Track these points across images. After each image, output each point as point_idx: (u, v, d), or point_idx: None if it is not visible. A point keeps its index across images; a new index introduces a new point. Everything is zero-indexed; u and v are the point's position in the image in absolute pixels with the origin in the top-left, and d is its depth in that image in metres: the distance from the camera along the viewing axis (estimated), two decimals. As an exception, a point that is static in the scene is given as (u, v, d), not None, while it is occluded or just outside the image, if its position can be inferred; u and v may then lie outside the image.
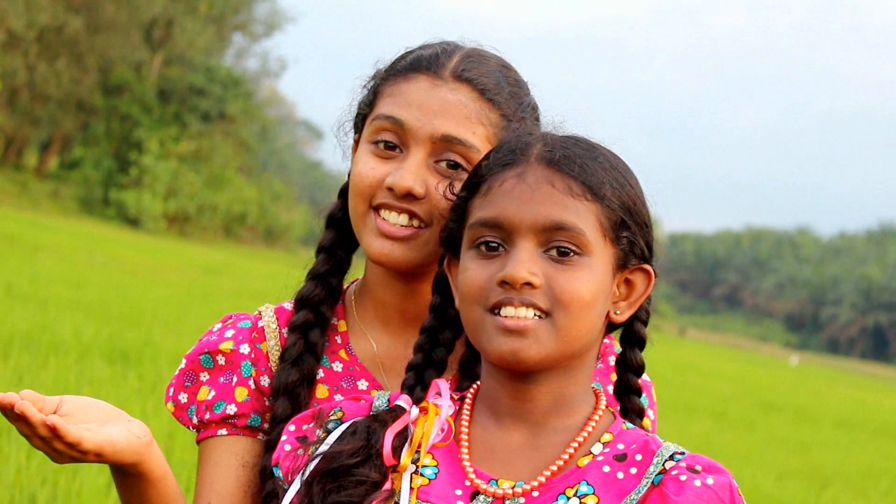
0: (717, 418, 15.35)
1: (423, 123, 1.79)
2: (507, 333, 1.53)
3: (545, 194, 1.55)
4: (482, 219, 1.57)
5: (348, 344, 1.92)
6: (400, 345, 1.90)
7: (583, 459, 1.57)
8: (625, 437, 1.59)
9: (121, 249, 25.78)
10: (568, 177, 1.56)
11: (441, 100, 1.80)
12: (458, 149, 1.79)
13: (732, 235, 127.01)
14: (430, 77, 1.81)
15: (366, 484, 1.58)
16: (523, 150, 1.60)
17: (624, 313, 1.63)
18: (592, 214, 1.55)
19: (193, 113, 45.51)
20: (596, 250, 1.55)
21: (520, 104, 1.85)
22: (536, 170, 1.57)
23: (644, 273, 1.63)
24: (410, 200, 1.79)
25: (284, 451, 1.67)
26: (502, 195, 1.56)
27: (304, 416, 1.71)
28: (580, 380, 1.61)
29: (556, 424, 1.59)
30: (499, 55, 1.90)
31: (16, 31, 40.01)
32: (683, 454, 1.55)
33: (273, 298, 1.99)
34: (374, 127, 1.83)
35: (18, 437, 5.53)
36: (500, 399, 1.61)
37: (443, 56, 1.84)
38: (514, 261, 1.53)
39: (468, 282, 1.57)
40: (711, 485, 1.50)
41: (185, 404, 1.93)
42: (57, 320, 10.07)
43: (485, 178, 1.60)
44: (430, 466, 1.59)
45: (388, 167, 1.81)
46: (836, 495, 10.48)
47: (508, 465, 1.58)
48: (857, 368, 74.80)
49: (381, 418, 1.64)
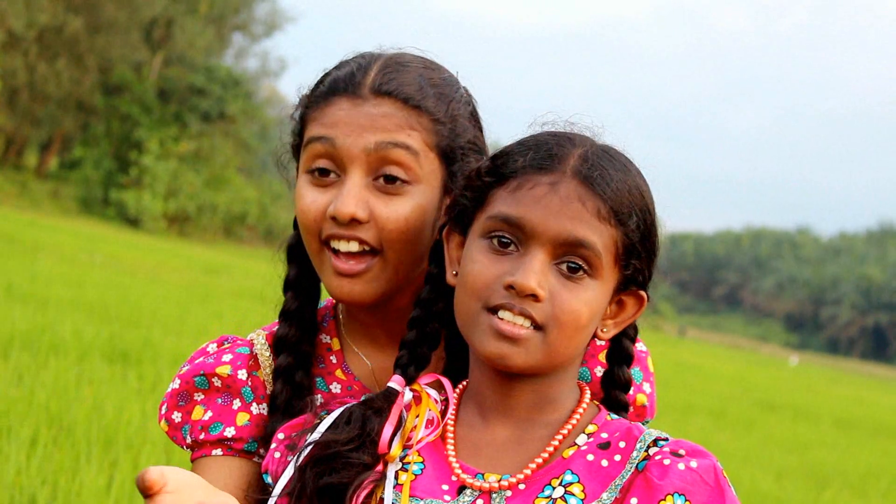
0: (717, 418, 15.35)
1: (354, 138, 1.74)
2: (500, 337, 1.54)
3: (575, 210, 1.54)
4: (505, 214, 1.56)
5: (344, 363, 1.90)
6: (392, 360, 1.86)
7: (568, 451, 1.58)
8: (609, 426, 1.60)
9: (121, 249, 25.77)
10: (599, 198, 1.55)
11: (366, 115, 1.75)
12: (395, 154, 1.74)
13: (732, 235, 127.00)
14: (350, 98, 1.76)
15: (357, 466, 1.59)
16: (561, 159, 1.57)
17: (609, 332, 1.64)
18: (612, 239, 1.55)
19: (193, 113, 45.49)
20: (605, 274, 1.56)
21: (448, 103, 1.81)
22: (570, 183, 1.55)
23: (637, 298, 1.63)
24: (355, 226, 1.75)
25: (274, 458, 1.69)
26: (532, 199, 1.55)
27: (293, 425, 1.72)
28: (565, 380, 1.63)
29: (540, 420, 1.61)
30: (421, 56, 1.85)
31: (16, 31, 40.00)
32: (667, 440, 1.56)
33: (273, 299, 1.98)
34: (307, 153, 1.78)
35: (18, 437, 5.53)
36: (485, 393, 1.62)
37: (359, 73, 1.78)
38: (526, 270, 1.53)
39: (474, 274, 1.56)
40: (695, 468, 1.50)
41: (180, 423, 1.90)
42: (57, 320, 10.07)
43: (516, 174, 1.58)
44: (417, 463, 1.60)
45: (328, 195, 1.77)
46: (836, 495, 10.48)
47: (494, 459, 1.59)
48: (856, 368, 74.77)
49: (375, 405, 1.65)
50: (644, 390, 1.86)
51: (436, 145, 1.78)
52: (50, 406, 6.32)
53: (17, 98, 42.65)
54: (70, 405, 6.46)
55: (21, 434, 5.57)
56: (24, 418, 5.97)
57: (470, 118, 1.85)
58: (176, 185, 43.71)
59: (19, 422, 5.85)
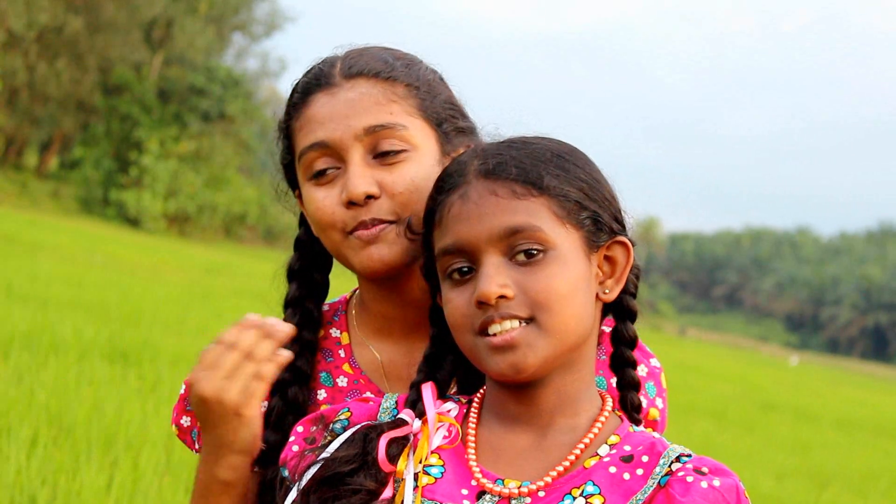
0: (717, 418, 15.36)
1: (342, 130, 1.79)
2: (500, 351, 1.54)
3: (491, 205, 1.56)
4: (443, 248, 1.60)
5: (352, 357, 1.92)
6: (403, 352, 1.89)
7: (589, 461, 1.57)
8: (631, 438, 1.60)
9: (121, 249, 25.78)
10: (508, 181, 1.57)
11: (344, 102, 1.80)
12: (385, 134, 1.79)
13: (732, 235, 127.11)
14: (324, 90, 1.82)
15: (361, 493, 1.58)
16: (461, 172, 1.62)
17: (613, 290, 1.64)
18: (544, 208, 1.56)
19: (193, 113, 45.49)
20: (560, 241, 1.56)
21: (418, 72, 1.86)
22: (477, 185, 1.58)
23: (622, 245, 1.63)
24: (370, 204, 1.79)
25: (292, 452, 1.68)
26: (453, 220, 1.59)
27: (313, 418, 1.72)
28: (583, 375, 1.62)
29: (561, 424, 1.60)
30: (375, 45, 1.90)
31: (16, 31, 40.01)
32: (690, 456, 1.56)
33: (273, 299, 1.99)
34: (304, 163, 1.83)
35: (18, 437, 5.53)
36: (505, 404, 1.62)
37: (325, 66, 1.85)
38: (482, 279, 1.55)
39: (451, 313, 1.60)
40: (718, 487, 1.50)
41: (188, 428, 1.93)
42: (57, 320, 10.07)
43: (435, 209, 1.63)
44: (437, 466, 1.60)
45: (337, 188, 1.81)
46: (836, 495, 10.49)
47: (515, 465, 1.59)
48: (857, 368, 74.80)
49: (381, 427, 1.65)
50: (657, 405, 1.87)
51: (418, 109, 1.83)
52: (50, 406, 6.33)
53: (17, 98, 42.69)
54: (70, 405, 6.46)
55: (21, 434, 5.57)
56: (24, 418, 5.97)
57: (440, 82, 1.89)
58: (176, 185, 43.71)
59: (19, 422, 5.85)
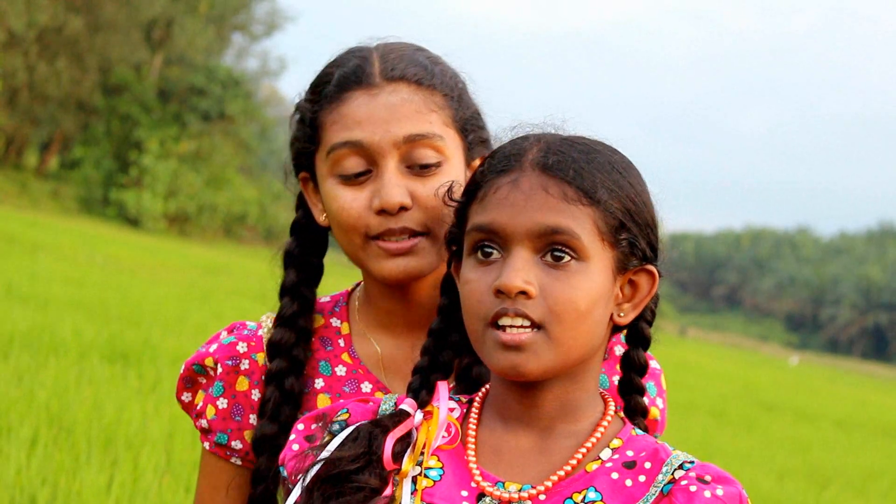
0: (717, 418, 15.36)
1: (382, 134, 1.76)
2: (506, 349, 1.52)
3: (539, 200, 1.53)
4: (477, 224, 1.56)
5: (351, 347, 1.91)
6: (404, 347, 1.89)
7: (591, 465, 1.56)
8: (634, 443, 1.58)
9: (121, 249, 25.77)
10: (562, 182, 1.53)
11: (385, 106, 1.77)
12: (423, 144, 1.77)
13: (732, 235, 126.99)
14: (364, 89, 1.79)
15: (364, 490, 1.57)
16: (518, 156, 1.58)
17: (628, 315, 1.61)
18: (589, 219, 1.53)
19: (193, 113, 45.47)
20: (593, 255, 1.53)
21: (451, 77, 1.85)
22: (531, 176, 1.55)
23: (648, 274, 1.60)
24: (401, 215, 1.77)
25: (292, 451, 1.66)
26: (497, 202, 1.55)
27: (313, 416, 1.70)
28: (587, 385, 1.60)
29: (563, 429, 1.58)
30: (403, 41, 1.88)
31: (16, 31, 39.99)
32: (693, 463, 1.54)
33: (273, 299, 1.98)
34: (333, 158, 1.79)
35: (18, 437, 5.53)
36: (507, 403, 1.60)
37: (365, 64, 1.81)
38: (509, 269, 1.51)
39: (468, 295, 1.56)
40: (721, 496, 1.49)
41: (189, 404, 1.97)
42: (57, 320, 10.08)
43: (481, 184, 1.59)
44: (436, 468, 1.58)
45: (366, 192, 1.78)
46: (836, 495, 10.49)
47: (516, 467, 1.57)
48: (856, 368, 74.76)
49: (384, 423, 1.63)
50: (657, 405, 1.88)
51: (453, 121, 1.82)
52: (50, 406, 6.33)
53: (17, 98, 42.65)
54: (70, 405, 6.46)
55: (21, 434, 5.57)
56: (24, 418, 5.97)
57: (468, 91, 1.89)
58: (176, 185, 43.69)
59: (19, 422, 5.85)
